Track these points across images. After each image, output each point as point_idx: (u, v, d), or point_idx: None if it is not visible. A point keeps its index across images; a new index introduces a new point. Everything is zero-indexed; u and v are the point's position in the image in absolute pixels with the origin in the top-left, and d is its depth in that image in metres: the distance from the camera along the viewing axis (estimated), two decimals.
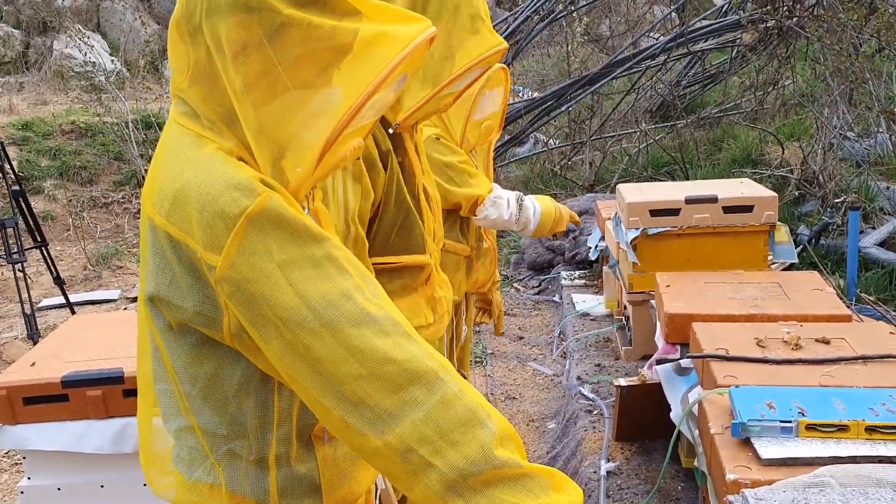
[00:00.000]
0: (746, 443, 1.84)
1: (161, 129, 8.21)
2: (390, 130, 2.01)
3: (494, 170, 3.04)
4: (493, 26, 2.28)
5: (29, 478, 2.41)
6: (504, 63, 2.70)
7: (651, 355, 3.12)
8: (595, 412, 3.29)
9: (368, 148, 1.87)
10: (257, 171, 1.17)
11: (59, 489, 2.37)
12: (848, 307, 2.97)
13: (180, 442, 1.37)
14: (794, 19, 6.41)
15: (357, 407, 1.12)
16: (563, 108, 7.90)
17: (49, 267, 5.41)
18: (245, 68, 1.13)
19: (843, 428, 1.80)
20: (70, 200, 8.91)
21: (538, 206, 2.91)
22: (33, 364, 2.42)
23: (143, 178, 8.96)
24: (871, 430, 1.78)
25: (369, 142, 1.88)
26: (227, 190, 1.12)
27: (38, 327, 5.12)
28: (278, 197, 1.14)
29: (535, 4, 7.79)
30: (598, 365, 3.77)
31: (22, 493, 2.41)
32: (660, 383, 2.57)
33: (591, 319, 4.50)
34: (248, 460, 1.30)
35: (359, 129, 1.23)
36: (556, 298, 5.48)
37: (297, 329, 1.11)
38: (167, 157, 1.22)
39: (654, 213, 3.38)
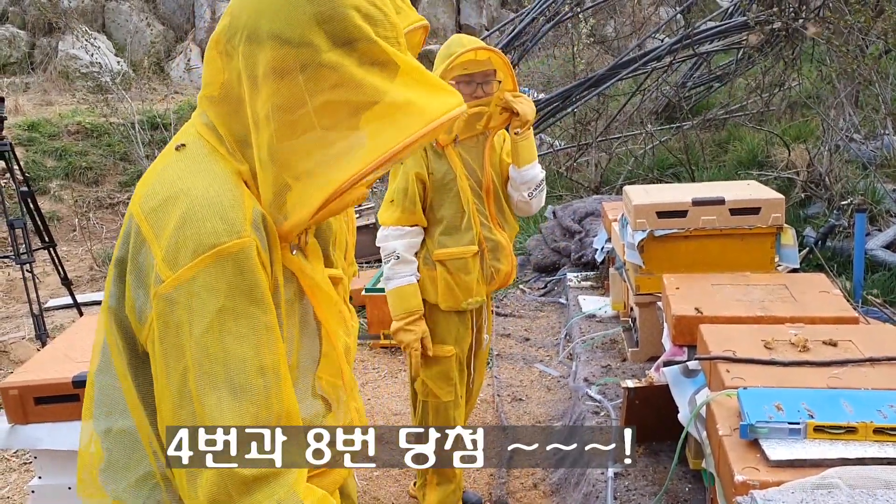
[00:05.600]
0: (755, 444, 1.84)
1: (166, 129, 8.19)
2: None
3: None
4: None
5: (40, 477, 2.43)
6: (512, 64, 2.72)
7: (657, 357, 3.13)
8: (602, 414, 3.29)
9: None
10: (257, 198, 1.18)
11: (69, 488, 2.39)
12: (854, 309, 2.97)
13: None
14: (801, 21, 6.40)
15: (193, 478, 1.13)
16: (569, 110, 7.90)
17: (57, 267, 5.43)
18: (274, 98, 1.14)
19: (851, 430, 1.80)
20: (76, 201, 8.94)
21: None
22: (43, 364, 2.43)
23: None
24: (879, 431, 1.79)
25: None
26: (213, 218, 1.12)
27: (46, 327, 5.14)
28: (255, 249, 1.14)
29: (540, 6, 7.80)
30: (605, 366, 3.78)
31: (33, 492, 2.42)
32: (667, 385, 2.57)
33: (598, 321, 4.51)
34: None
35: (367, 182, 1.24)
36: (563, 300, 5.48)
37: (203, 378, 1.11)
38: (175, 158, 1.22)
39: (661, 214, 3.38)
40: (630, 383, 2.79)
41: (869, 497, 1.59)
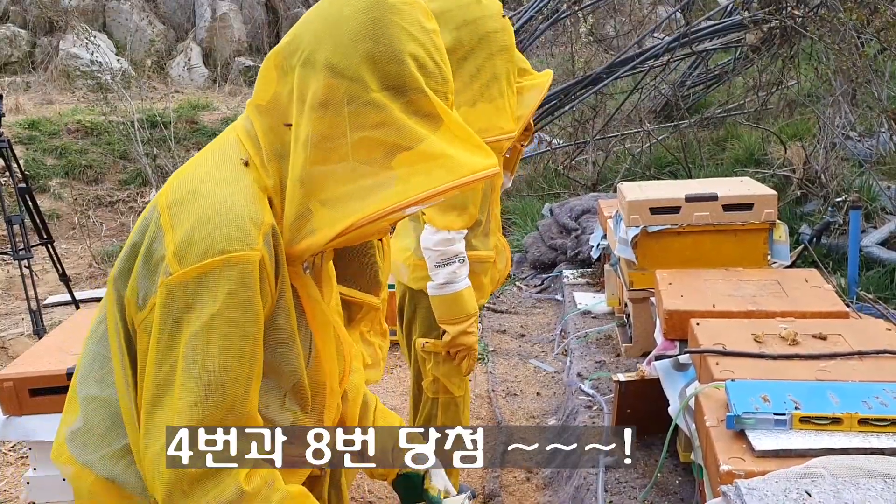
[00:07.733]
0: (741, 435, 1.86)
1: (166, 127, 8.19)
2: None
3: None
4: None
5: (35, 468, 2.44)
6: None
7: (651, 352, 3.15)
8: (594, 408, 3.31)
9: None
10: (279, 214, 1.21)
11: (64, 480, 2.40)
12: (847, 306, 2.98)
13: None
14: (798, 19, 6.41)
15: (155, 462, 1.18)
16: (567, 108, 7.92)
17: (55, 264, 5.45)
18: (316, 124, 1.18)
19: (836, 420, 1.82)
20: (76, 199, 8.96)
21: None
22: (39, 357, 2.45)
23: (149, 176, 9.04)
24: (863, 422, 1.80)
25: None
26: (229, 224, 1.16)
27: (45, 324, 5.16)
28: (262, 263, 1.18)
29: (538, 4, 7.81)
30: (599, 362, 3.80)
31: (28, 483, 2.44)
32: (658, 379, 2.59)
33: (593, 317, 4.53)
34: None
35: (389, 219, 1.27)
36: (559, 297, 5.50)
37: (186, 375, 1.15)
38: (210, 158, 1.27)
39: (655, 211, 3.40)
40: (621, 377, 2.81)
41: (851, 486, 1.61)
